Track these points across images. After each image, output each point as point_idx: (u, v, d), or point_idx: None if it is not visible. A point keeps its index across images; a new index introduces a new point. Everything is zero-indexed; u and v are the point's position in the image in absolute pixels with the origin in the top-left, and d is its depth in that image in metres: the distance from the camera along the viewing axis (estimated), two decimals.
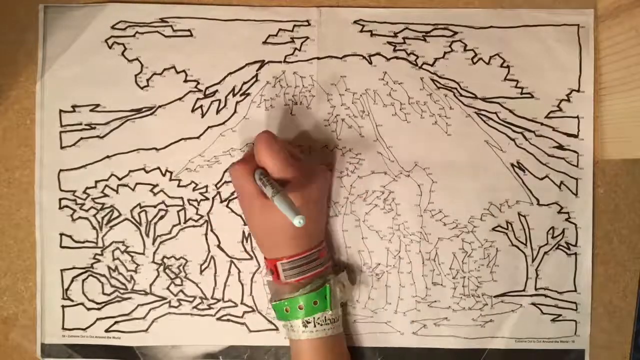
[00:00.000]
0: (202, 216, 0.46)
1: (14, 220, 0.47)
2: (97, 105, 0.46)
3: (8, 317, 0.47)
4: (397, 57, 0.46)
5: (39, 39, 0.46)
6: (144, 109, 0.46)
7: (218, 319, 0.46)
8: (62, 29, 0.46)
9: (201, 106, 0.46)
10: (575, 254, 0.46)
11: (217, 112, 0.46)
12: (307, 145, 0.46)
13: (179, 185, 0.46)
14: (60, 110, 0.46)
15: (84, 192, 0.46)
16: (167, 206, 0.46)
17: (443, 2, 0.46)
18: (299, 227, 0.33)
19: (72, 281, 0.46)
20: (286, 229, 0.39)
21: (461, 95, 0.46)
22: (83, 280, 0.46)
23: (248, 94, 0.46)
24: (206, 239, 0.46)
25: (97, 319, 0.46)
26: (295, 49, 0.46)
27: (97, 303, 0.46)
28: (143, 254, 0.46)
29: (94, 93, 0.46)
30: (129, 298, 0.46)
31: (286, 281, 0.41)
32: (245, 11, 0.46)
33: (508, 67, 0.46)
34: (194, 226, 0.46)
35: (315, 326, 0.40)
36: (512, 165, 0.46)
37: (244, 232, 0.46)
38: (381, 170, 0.46)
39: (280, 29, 0.46)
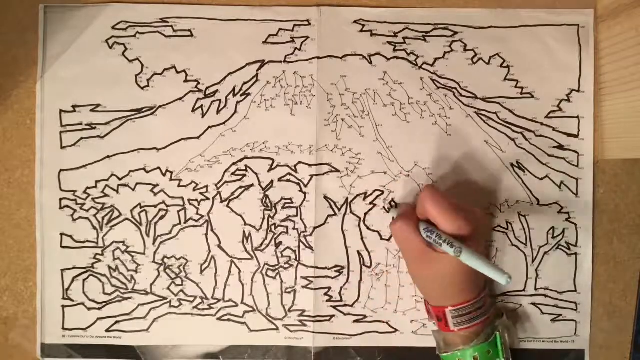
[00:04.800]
0: (202, 216, 0.46)
1: (14, 220, 0.47)
2: (98, 105, 0.46)
3: (8, 317, 0.47)
4: (397, 57, 0.46)
5: (39, 39, 0.46)
6: (144, 109, 0.46)
7: (218, 318, 0.47)
8: (62, 29, 0.46)
9: (201, 106, 0.46)
10: (576, 254, 0.46)
11: (218, 112, 0.46)
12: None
13: (179, 185, 0.46)
14: (61, 110, 0.46)
15: (85, 192, 0.46)
16: (167, 206, 0.46)
17: (443, 2, 0.46)
18: (504, 284, 0.34)
19: (72, 281, 0.46)
20: (456, 279, 0.40)
21: (461, 95, 0.46)
22: (84, 280, 0.46)
23: (248, 94, 0.46)
24: (206, 238, 0.46)
25: (98, 319, 0.46)
26: (296, 48, 0.46)
27: (98, 303, 0.46)
28: (143, 253, 0.46)
29: (94, 93, 0.46)
30: (130, 298, 0.47)
31: (455, 329, 0.41)
32: (245, 11, 0.46)
33: (508, 67, 0.46)
34: (194, 226, 0.46)
35: None
36: (512, 165, 0.46)
37: (244, 232, 0.46)
38: (381, 170, 0.46)
39: (280, 29, 0.46)
